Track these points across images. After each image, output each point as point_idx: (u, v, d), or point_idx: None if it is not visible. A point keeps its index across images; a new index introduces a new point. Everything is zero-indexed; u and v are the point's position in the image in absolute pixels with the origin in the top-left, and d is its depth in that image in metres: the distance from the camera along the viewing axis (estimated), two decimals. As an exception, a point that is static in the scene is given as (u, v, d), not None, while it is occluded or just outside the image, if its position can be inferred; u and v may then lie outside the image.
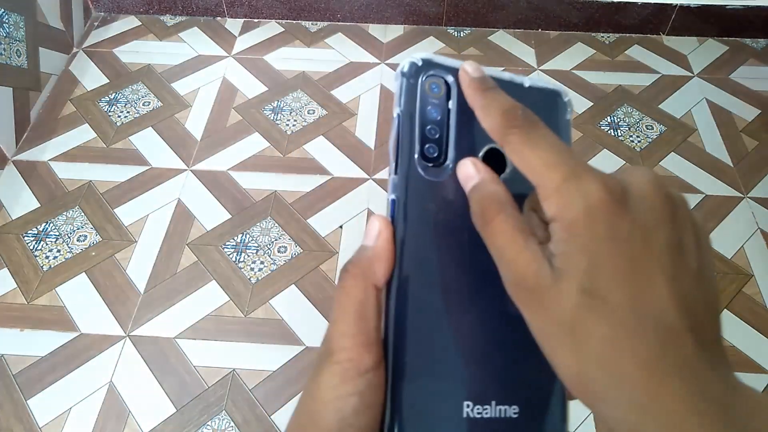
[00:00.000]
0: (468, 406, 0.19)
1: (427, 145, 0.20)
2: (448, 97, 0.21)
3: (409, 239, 0.20)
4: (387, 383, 0.19)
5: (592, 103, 1.28)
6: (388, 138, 0.23)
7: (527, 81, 0.22)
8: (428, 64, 0.21)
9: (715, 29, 1.42)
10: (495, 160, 0.21)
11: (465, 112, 0.21)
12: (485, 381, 0.20)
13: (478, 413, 0.19)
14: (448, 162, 0.21)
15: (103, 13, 1.47)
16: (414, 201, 0.20)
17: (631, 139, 1.21)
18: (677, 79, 1.33)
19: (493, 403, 0.19)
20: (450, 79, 0.21)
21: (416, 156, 0.20)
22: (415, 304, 0.20)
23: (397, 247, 0.20)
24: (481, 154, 0.21)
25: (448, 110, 0.21)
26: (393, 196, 0.20)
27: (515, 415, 0.20)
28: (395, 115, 0.21)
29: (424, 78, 0.21)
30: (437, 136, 0.21)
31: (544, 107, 0.22)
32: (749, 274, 1.00)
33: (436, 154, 0.21)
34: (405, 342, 0.19)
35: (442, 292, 0.20)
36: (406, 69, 0.21)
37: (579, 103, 1.28)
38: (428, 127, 0.21)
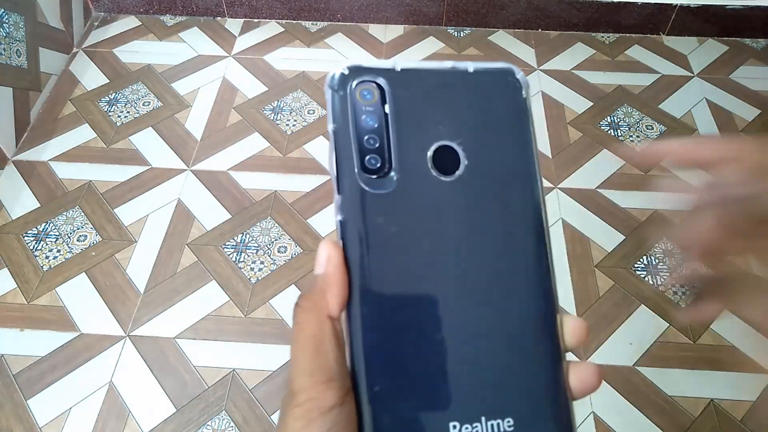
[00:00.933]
0: (455, 427, 0.18)
1: (367, 157, 0.19)
2: (384, 101, 0.20)
3: (361, 259, 0.19)
4: (360, 416, 0.18)
5: (592, 103, 1.28)
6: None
7: (471, 65, 0.21)
8: (356, 71, 0.20)
9: (715, 29, 1.42)
10: (446, 158, 0.20)
11: (404, 112, 0.20)
12: (470, 396, 0.18)
13: None
14: (392, 170, 0.19)
15: (103, 13, 1.47)
16: (362, 218, 0.19)
17: (631, 139, 1.21)
18: (677, 79, 1.33)
19: (483, 419, 0.18)
20: (382, 81, 0.20)
21: (356, 170, 0.19)
22: (379, 325, 0.18)
23: (351, 269, 0.19)
24: (430, 153, 0.20)
25: (386, 115, 0.20)
26: (340, 217, 0.19)
27: (510, 429, 0.18)
28: (329, 131, 0.20)
29: (353, 86, 0.20)
30: (377, 145, 0.19)
31: (495, 90, 0.21)
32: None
33: (378, 165, 0.19)
34: (373, 368, 0.18)
35: (408, 308, 0.19)
36: (332, 81, 0.20)
37: (579, 103, 1.28)
38: (366, 138, 0.19)
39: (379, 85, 0.20)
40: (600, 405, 0.86)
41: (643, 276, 1.00)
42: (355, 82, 0.20)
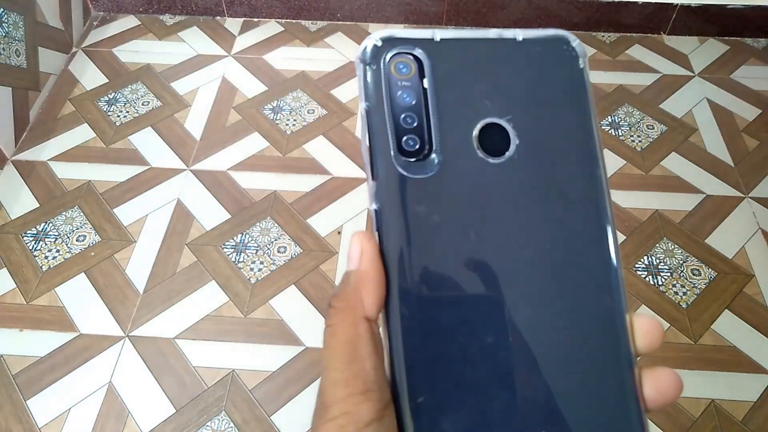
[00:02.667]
0: None
1: (405, 138, 0.17)
2: (422, 75, 0.18)
3: (401, 252, 0.17)
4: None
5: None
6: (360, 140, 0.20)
7: (520, 33, 0.18)
8: (390, 41, 0.18)
9: (715, 29, 1.41)
10: (494, 138, 0.17)
11: (445, 87, 0.17)
12: (528, 409, 0.16)
13: None
14: (433, 152, 0.17)
15: (102, 13, 1.47)
16: (400, 206, 0.17)
17: (632, 138, 1.21)
18: (678, 79, 1.33)
19: None
20: (420, 53, 0.18)
21: (392, 153, 0.17)
22: (423, 327, 0.16)
23: (389, 264, 0.17)
24: (475, 132, 0.17)
25: (424, 90, 0.18)
26: (375, 206, 0.17)
27: None
28: (361, 110, 0.18)
29: (388, 59, 0.18)
30: (415, 124, 0.17)
31: (548, 61, 0.18)
32: (750, 274, 1.00)
33: (417, 146, 0.17)
34: (416, 376, 0.16)
35: (455, 308, 0.16)
36: (364, 54, 0.18)
37: (579, 103, 1.28)
38: (403, 116, 0.17)
39: (416, 57, 0.18)
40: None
41: (644, 276, 1.00)
42: (389, 55, 0.18)
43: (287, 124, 1.23)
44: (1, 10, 1.13)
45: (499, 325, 0.16)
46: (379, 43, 0.18)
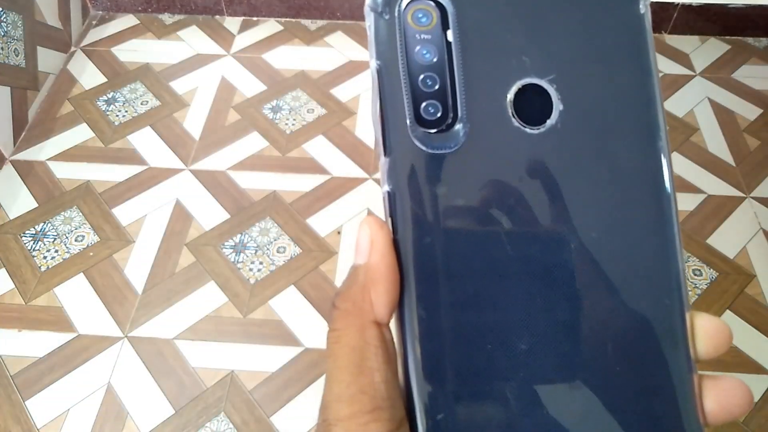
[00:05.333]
0: None
1: (424, 104, 0.15)
2: (445, 26, 0.15)
3: (418, 244, 0.14)
4: None
5: (593, 102, 1.27)
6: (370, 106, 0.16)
7: None
8: None
9: (717, 28, 1.41)
10: (534, 102, 0.15)
11: (473, 40, 0.15)
12: (567, 425, 0.14)
13: None
14: (458, 121, 0.14)
15: (101, 12, 1.46)
16: (418, 188, 0.14)
17: (632, 138, 1.21)
18: (679, 78, 1.32)
19: None
20: None
21: (409, 123, 0.14)
22: (443, 333, 0.14)
23: (404, 258, 0.14)
24: (510, 95, 0.14)
25: (448, 44, 0.15)
26: (387, 188, 0.14)
27: None
28: (372, 70, 0.15)
29: (404, 7, 0.15)
30: (437, 86, 0.15)
31: (599, 6, 0.15)
32: (751, 275, 0.99)
33: (439, 114, 0.14)
34: (435, 390, 0.13)
35: (482, 310, 0.14)
36: (375, 0, 0.15)
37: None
38: (422, 77, 0.15)
39: (438, 4, 0.15)
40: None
41: (644, 276, 0.99)
42: (405, 1, 0.15)
43: (287, 124, 1.22)
44: (0, 9, 1.13)
45: (535, 330, 0.14)
46: None
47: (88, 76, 1.31)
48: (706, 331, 0.15)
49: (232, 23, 1.44)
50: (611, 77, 0.15)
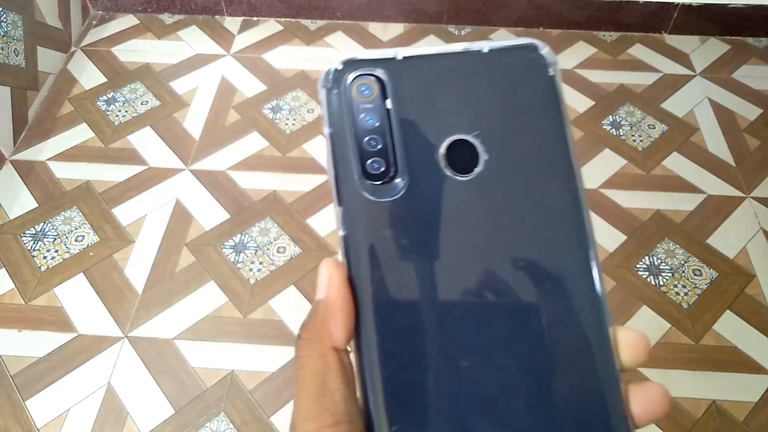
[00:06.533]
0: None
1: (369, 161, 0.17)
2: (384, 96, 0.17)
3: (369, 279, 0.16)
4: None
5: (594, 102, 1.27)
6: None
7: (486, 45, 0.18)
8: (351, 64, 0.17)
9: (717, 28, 1.41)
10: (463, 155, 0.17)
11: (409, 106, 0.17)
12: (514, 428, 0.15)
13: None
14: (399, 174, 0.17)
15: (101, 12, 1.46)
16: (366, 231, 0.16)
17: (633, 138, 1.21)
18: (679, 78, 1.32)
19: None
20: (381, 73, 0.17)
21: (357, 177, 0.17)
22: (394, 355, 0.16)
23: (358, 292, 0.16)
24: (442, 150, 0.17)
25: (388, 111, 0.17)
26: (342, 232, 0.17)
27: None
28: (325, 136, 0.17)
29: (349, 82, 0.17)
30: (379, 146, 0.17)
31: (516, 71, 0.17)
32: (751, 275, 0.99)
33: (382, 169, 0.17)
34: (390, 405, 0.15)
35: (428, 333, 0.16)
36: (326, 78, 0.17)
37: (581, 102, 1.27)
38: (366, 139, 0.17)
39: (378, 78, 0.17)
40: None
41: (645, 276, 0.99)
42: (350, 77, 0.17)
43: (287, 124, 1.22)
44: (0, 9, 1.13)
45: (475, 350, 0.16)
46: (340, 67, 0.17)
47: (88, 76, 1.31)
48: (627, 343, 0.17)
49: (232, 23, 1.44)
50: (527, 129, 0.17)
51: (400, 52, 0.18)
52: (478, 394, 0.15)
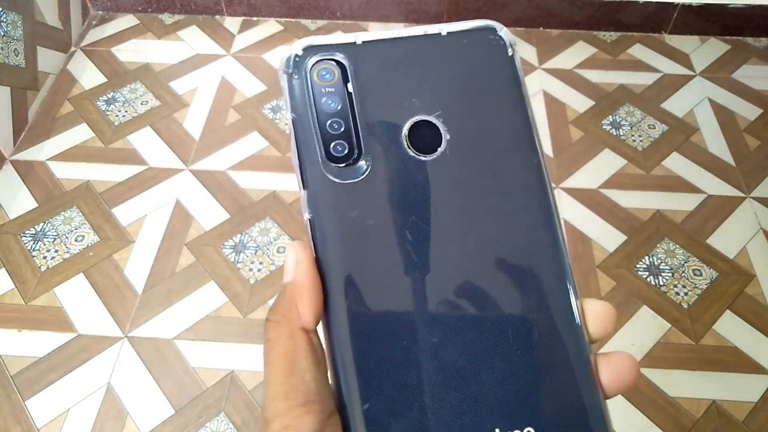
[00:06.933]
0: None
1: (332, 144, 0.17)
2: (345, 80, 0.17)
3: (335, 259, 0.16)
4: None
5: (594, 102, 1.27)
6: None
7: (445, 28, 0.18)
8: (311, 49, 0.18)
9: (717, 28, 1.41)
10: (426, 136, 0.17)
11: (370, 89, 0.17)
12: (479, 407, 0.15)
13: None
14: (363, 155, 0.17)
15: (101, 12, 1.46)
16: (331, 213, 0.17)
17: (633, 138, 1.21)
18: (679, 78, 1.32)
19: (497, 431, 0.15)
20: (342, 57, 0.18)
21: (320, 161, 0.17)
22: (363, 333, 0.16)
23: (325, 273, 0.16)
24: (405, 131, 0.17)
25: (349, 94, 0.17)
26: (308, 216, 0.17)
27: None
28: (288, 121, 0.18)
29: (310, 67, 0.18)
30: (342, 129, 0.17)
31: (476, 52, 0.18)
32: (752, 275, 0.99)
33: (345, 151, 0.17)
34: (360, 383, 0.15)
35: (396, 311, 0.16)
36: (286, 64, 0.18)
37: (581, 102, 1.27)
38: (329, 122, 0.17)
39: (339, 63, 0.18)
40: (601, 407, 0.86)
41: (645, 276, 0.99)
42: (311, 63, 0.18)
43: (287, 124, 1.22)
44: (0, 9, 1.13)
45: (443, 325, 0.16)
46: (300, 52, 0.18)
47: (88, 76, 1.31)
48: (595, 314, 0.17)
49: (232, 23, 1.44)
50: (488, 108, 0.18)
51: (360, 37, 0.18)
52: (449, 369, 0.16)
